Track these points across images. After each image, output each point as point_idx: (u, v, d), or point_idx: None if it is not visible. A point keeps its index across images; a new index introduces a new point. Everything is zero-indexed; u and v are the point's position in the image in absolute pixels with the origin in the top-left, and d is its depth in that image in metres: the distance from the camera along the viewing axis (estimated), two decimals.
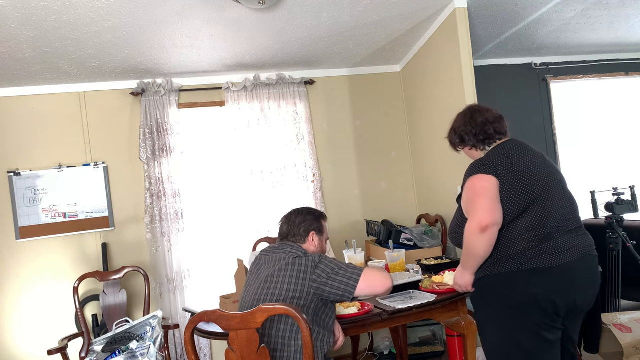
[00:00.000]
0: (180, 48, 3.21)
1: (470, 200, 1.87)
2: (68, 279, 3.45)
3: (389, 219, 3.91)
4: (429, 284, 2.45)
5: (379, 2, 2.95)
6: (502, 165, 1.87)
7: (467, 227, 1.84)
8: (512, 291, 1.81)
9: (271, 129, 3.80)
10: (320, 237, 2.16)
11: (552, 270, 1.78)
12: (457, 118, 2.14)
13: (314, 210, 2.22)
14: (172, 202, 3.57)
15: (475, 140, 2.04)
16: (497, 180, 1.84)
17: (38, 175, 3.46)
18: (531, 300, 1.78)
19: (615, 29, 3.91)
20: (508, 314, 1.82)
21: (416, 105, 3.99)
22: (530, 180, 1.85)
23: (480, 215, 1.78)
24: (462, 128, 2.07)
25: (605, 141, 4.62)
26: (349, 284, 1.87)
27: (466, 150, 2.11)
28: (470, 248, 1.86)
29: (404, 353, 3.40)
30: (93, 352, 2.57)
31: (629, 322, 2.63)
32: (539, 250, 1.79)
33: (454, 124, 2.13)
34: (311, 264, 1.91)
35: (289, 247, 2.04)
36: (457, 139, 2.10)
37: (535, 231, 1.81)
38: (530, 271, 1.78)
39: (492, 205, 1.80)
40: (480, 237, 1.80)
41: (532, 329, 1.79)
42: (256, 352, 1.65)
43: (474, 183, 1.87)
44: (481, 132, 2.02)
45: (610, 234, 2.96)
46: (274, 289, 1.89)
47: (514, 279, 1.81)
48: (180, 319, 3.52)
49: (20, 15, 2.52)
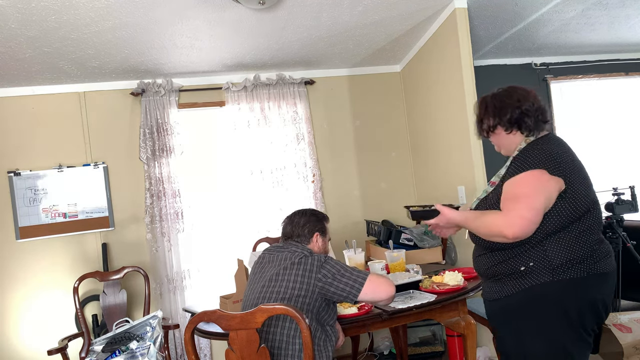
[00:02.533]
0: (180, 48, 3.21)
1: (512, 196, 1.63)
2: (68, 279, 3.45)
3: (389, 219, 3.91)
4: (429, 284, 2.45)
5: (379, 2, 2.95)
6: (569, 165, 1.67)
7: (497, 220, 1.62)
8: (575, 297, 1.63)
9: (271, 129, 3.80)
10: (324, 238, 2.20)
11: (610, 275, 1.69)
12: (506, 93, 1.80)
13: (317, 212, 2.25)
14: (172, 202, 3.57)
15: (532, 123, 1.74)
16: (564, 182, 1.63)
17: (38, 175, 3.46)
18: (591, 305, 1.66)
19: (615, 29, 3.91)
20: (561, 321, 1.64)
21: (416, 105, 3.99)
22: (589, 182, 1.71)
23: (517, 225, 1.56)
24: (524, 106, 1.74)
25: (605, 141, 4.61)
26: (354, 287, 1.91)
27: (508, 135, 1.78)
28: (481, 230, 1.69)
29: (404, 353, 3.40)
30: (93, 352, 2.57)
31: (629, 322, 2.63)
32: (599, 254, 1.67)
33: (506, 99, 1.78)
34: (317, 263, 1.94)
35: (293, 246, 2.06)
36: (510, 118, 1.75)
37: (593, 235, 1.68)
38: (597, 276, 1.65)
39: (535, 219, 1.58)
40: (496, 238, 1.64)
41: (582, 335, 1.67)
42: (256, 352, 1.65)
43: (530, 180, 1.62)
44: (540, 113, 1.75)
45: (610, 234, 2.96)
46: (279, 287, 1.92)
47: (581, 284, 1.63)
48: (180, 319, 3.52)
49: (20, 15, 2.52)
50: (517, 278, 1.68)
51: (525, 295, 1.67)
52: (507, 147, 1.81)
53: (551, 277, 1.63)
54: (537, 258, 1.65)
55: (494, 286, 1.77)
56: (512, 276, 1.69)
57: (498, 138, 1.83)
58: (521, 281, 1.67)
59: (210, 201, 3.79)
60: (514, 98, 1.77)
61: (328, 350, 1.93)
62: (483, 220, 1.68)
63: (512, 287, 1.69)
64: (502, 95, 1.81)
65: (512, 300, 1.70)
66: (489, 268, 1.77)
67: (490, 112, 1.81)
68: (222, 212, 3.80)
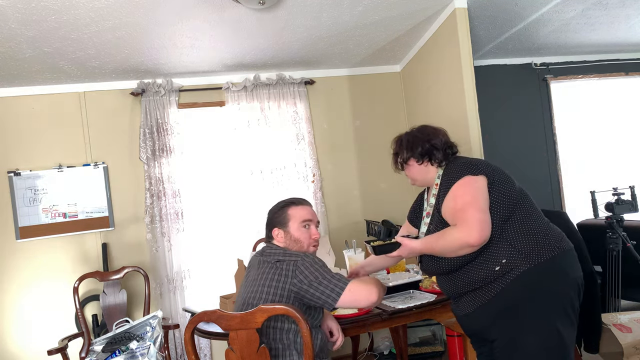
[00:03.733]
0: (180, 48, 3.21)
1: (459, 209, 1.74)
2: (68, 279, 3.44)
3: (389, 219, 3.91)
4: (429, 284, 2.45)
5: (379, 2, 2.95)
6: (485, 164, 1.83)
7: (456, 234, 1.71)
8: (555, 276, 1.73)
9: (271, 129, 3.80)
10: (286, 230, 1.99)
11: (574, 252, 1.81)
12: (417, 132, 2.02)
13: (281, 202, 2.07)
14: (172, 202, 3.57)
15: (442, 155, 1.93)
16: (486, 179, 1.78)
17: (38, 175, 3.46)
18: (572, 282, 1.75)
19: (615, 29, 3.91)
20: (548, 303, 1.71)
21: (416, 105, 3.99)
22: (508, 173, 1.85)
23: (475, 230, 1.66)
24: (434, 140, 1.95)
25: (605, 141, 4.61)
26: (330, 296, 1.79)
27: (421, 166, 1.97)
28: (447, 249, 1.76)
29: (404, 353, 3.40)
30: (93, 352, 2.57)
31: (629, 322, 2.63)
32: (556, 234, 1.80)
33: (418, 137, 1.99)
34: (292, 267, 1.84)
35: (269, 249, 1.99)
36: (422, 151, 1.95)
37: (539, 218, 1.81)
38: (565, 252, 1.77)
39: (486, 219, 1.70)
40: (464, 250, 1.71)
41: (570, 316, 1.74)
42: (256, 352, 1.65)
43: (463, 188, 1.76)
44: (448, 146, 1.96)
45: (610, 234, 2.97)
46: (258, 292, 1.86)
47: (558, 263, 1.74)
48: (180, 319, 3.52)
49: (20, 15, 2.52)
50: (496, 279, 1.74)
51: (511, 291, 1.72)
52: (422, 178, 2.00)
53: (528, 265, 1.71)
54: (507, 253, 1.73)
55: (472, 297, 1.81)
56: (489, 280, 1.75)
57: (411, 170, 2.01)
58: (500, 280, 1.73)
59: (210, 201, 3.79)
60: (424, 134, 1.99)
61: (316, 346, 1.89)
62: (445, 238, 1.75)
63: (493, 289, 1.74)
64: (414, 133, 2.03)
65: (500, 300, 1.74)
66: (462, 283, 1.81)
67: (404, 146, 2.02)
68: (222, 212, 3.80)
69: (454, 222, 1.76)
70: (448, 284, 1.89)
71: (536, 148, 4.39)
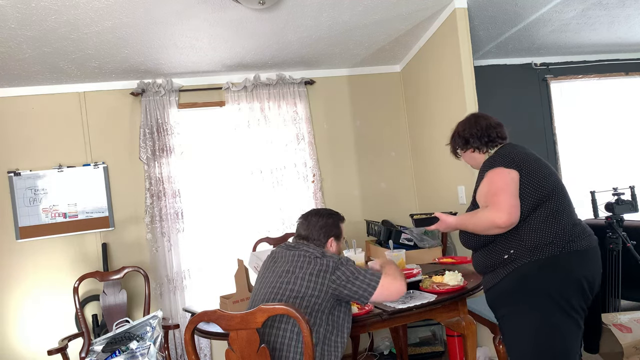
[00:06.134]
0: (180, 48, 3.21)
1: (492, 193, 1.91)
2: (68, 279, 3.45)
3: (389, 219, 3.91)
4: (429, 284, 2.45)
5: (379, 2, 2.95)
6: (521, 159, 1.95)
7: (488, 214, 1.87)
8: (553, 273, 1.84)
9: (271, 129, 3.80)
10: (338, 242, 2.21)
11: (589, 252, 1.90)
12: (459, 124, 2.23)
13: (334, 214, 2.23)
14: (172, 202, 3.57)
15: (479, 143, 2.12)
16: (519, 173, 1.91)
17: (38, 175, 3.46)
18: (574, 281, 1.84)
19: (615, 29, 3.91)
20: (544, 296, 1.84)
21: (416, 105, 3.99)
22: (545, 171, 1.95)
23: (505, 212, 1.83)
24: (467, 131, 2.15)
25: (605, 141, 4.61)
26: (367, 290, 1.93)
27: (468, 153, 2.18)
28: (478, 227, 1.93)
29: (404, 353, 3.40)
30: (93, 352, 2.57)
31: (629, 322, 2.63)
32: (573, 234, 1.88)
33: (457, 129, 2.22)
34: (332, 264, 1.95)
35: (305, 246, 2.07)
36: (461, 142, 2.17)
37: (563, 217, 1.90)
38: (571, 253, 1.86)
39: (516, 204, 1.85)
40: (492, 230, 1.88)
41: (566, 310, 1.84)
42: (256, 352, 1.65)
43: (497, 176, 1.93)
44: (485, 135, 2.11)
45: (610, 234, 2.96)
46: (293, 283, 1.93)
47: (559, 261, 1.85)
48: (180, 319, 3.52)
49: (20, 15, 2.52)
50: (504, 266, 1.93)
51: (511, 278, 1.91)
52: (474, 164, 2.20)
53: (529, 258, 1.88)
54: (515, 245, 1.91)
55: (489, 277, 2.02)
56: (500, 265, 1.95)
57: (463, 157, 2.24)
58: (507, 267, 1.93)
59: (210, 201, 3.79)
60: (461, 125, 2.21)
61: (338, 350, 1.93)
62: (477, 218, 1.94)
63: (501, 273, 1.95)
64: (458, 124, 2.25)
65: (503, 284, 1.94)
66: (483, 263, 2.03)
67: (451, 138, 2.27)
68: (222, 212, 3.80)
69: (485, 205, 1.94)
70: (475, 261, 2.10)
71: (536, 148, 4.36)
